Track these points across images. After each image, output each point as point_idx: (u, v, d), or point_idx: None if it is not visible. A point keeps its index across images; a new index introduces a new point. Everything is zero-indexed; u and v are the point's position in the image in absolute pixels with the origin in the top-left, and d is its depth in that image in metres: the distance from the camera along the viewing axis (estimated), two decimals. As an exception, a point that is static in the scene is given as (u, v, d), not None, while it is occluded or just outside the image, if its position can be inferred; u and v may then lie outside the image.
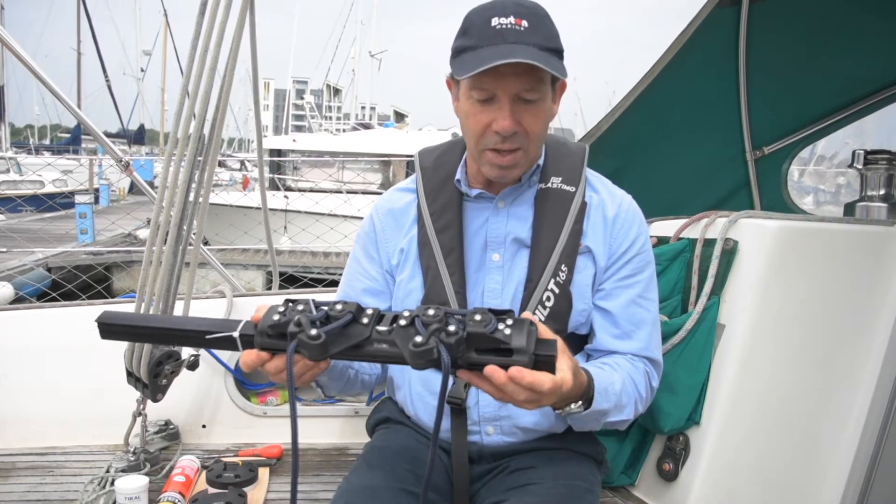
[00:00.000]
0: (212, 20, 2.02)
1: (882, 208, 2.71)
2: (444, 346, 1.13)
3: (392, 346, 1.19)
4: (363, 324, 1.21)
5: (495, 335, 1.16)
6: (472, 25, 1.57)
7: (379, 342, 1.20)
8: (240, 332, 1.29)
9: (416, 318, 1.18)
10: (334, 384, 1.70)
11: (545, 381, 1.24)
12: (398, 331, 1.19)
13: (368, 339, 1.20)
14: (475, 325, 1.16)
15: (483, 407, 1.73)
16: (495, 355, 1.18)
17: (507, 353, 1.17)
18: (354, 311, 1.22)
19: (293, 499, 1.25)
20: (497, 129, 1.58)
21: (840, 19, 2.88)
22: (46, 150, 38.67)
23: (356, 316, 1.22)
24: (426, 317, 1.17)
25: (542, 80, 1.57)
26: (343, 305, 1.22)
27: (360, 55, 42.47)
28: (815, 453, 2.27)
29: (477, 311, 1.18)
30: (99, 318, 1.37)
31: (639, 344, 1.73)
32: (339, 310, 1.22)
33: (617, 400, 1.57)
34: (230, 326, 1.31)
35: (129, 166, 2.46)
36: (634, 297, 1.75)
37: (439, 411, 1.17)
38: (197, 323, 1.36)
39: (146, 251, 2.23)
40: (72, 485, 2.30)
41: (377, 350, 1.20)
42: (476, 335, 1.16)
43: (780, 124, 3.42)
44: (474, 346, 1.17)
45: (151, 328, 1.39)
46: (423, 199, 1.82)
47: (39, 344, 2.67)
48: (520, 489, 1.64)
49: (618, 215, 1.77)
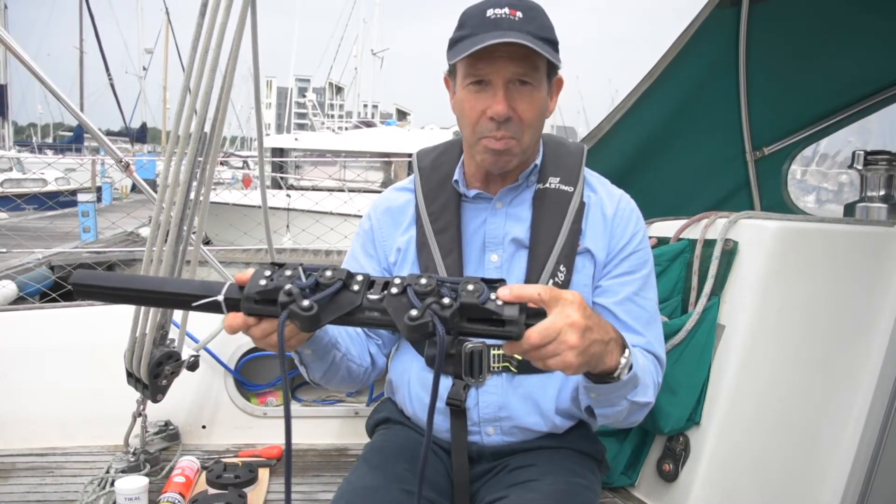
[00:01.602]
0: (213, 18, 2.02)
1: (882, 209, 2.72)
2: (440, 318, 1.11)
3: (384, 313, 1.16)
4: (354, 291, 1.18)
5: (487, 306, 1.14)
6: (468, 17, 1.61)
7: (370, 310, 1.17)
8: (224, 295, 1.25)
9: (409, 286, 1.16)
10: (318, 364, 1.63)
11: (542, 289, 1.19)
12: (389, 299, 1.16)
13: (360, 307, 1.17)
14: (468, 296, 1.14)
15: (483, 408, 1.73)
16: (487, 325, 1.16)
17: (499, 323, 1.15)
18: (344, 277, 1.19)
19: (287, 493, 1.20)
20: (491, 115, 1.59)
21: (840, 19, 2.88)
22: (49, 149, 38.74)
23: (346, 283, 1.19)
24: (418, 286, 1.15)
25: (537, 68, 1.58)
26: (332, 272, 1.19)
27: (363, 53, 42.46)
28: (816, 453, 2.27)
29: (469, 281, 1.16)
30: (73, 278, 1.31)
31: (642, 339, 1.70)
32: (328, 276, 1.18)
33: (643, 372, 1.51)
34: (214, 289, 1.26)
35: (129, 167, 2.45)
36: (632, 293, 1.73)
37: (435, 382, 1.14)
38: (178, 285, 1.31)
39: (146, 251, 2.23)
40: (72, 485, 2.30)
41: (368, 318, 1.18)
42: (468, 305, 1.13)
43: (780, 125, 3.41)
44: (466, 316, 1.15)
45: (129, 289, 1.32)
46: (421, 199, 1.82)
47: (39, 344, 2.68)
48: (520, 486, 1.64)
49: (616, 213, 1.77)
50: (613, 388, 1.39)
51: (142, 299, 1.44)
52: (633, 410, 1.54)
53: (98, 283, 1.30)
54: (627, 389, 1.42)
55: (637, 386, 1.45)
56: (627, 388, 1.41)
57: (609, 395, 1.43)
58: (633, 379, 1.40)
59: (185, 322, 2.40)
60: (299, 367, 1.65)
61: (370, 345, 1.83)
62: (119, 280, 1.32)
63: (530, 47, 1.51)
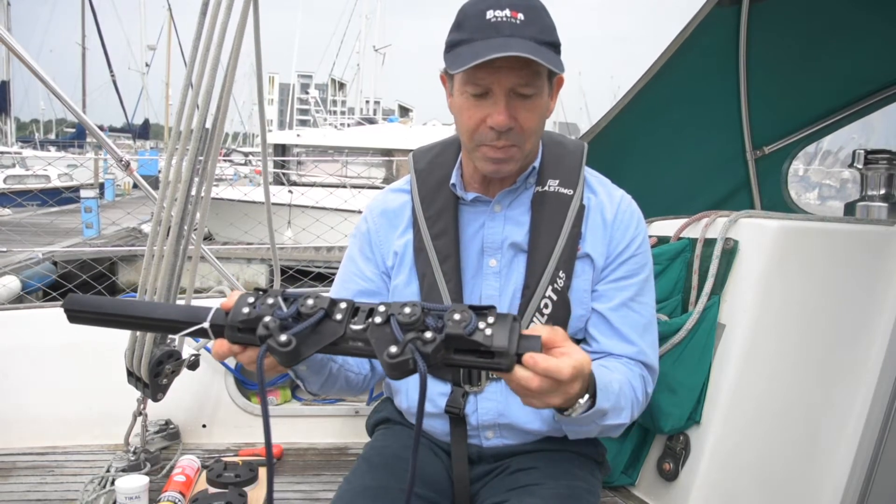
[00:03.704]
0: (214, 15, 2.02)
1: (882, 208, 2.71)
2: (421, 354, 1.07)
3: (367, 344, 1.13)
4: (336, 320, 1.15)
5: (474, 337, 1.10)
6: (467, 18, 1.54)
7: (354, 340, 1.14)
8: (210, 322, 1.23)
9: (392, 316, 1.12)
10: (314, 378, 1.59)
11: (563, 367, 1.17)
12: (373, 329, 1.12)
13: (343, 336, 1.14)
14: (454, 326, 1.09)
15: (482, 414, 1.71)
16: (477, 356, 1.12)
17: (488, 355, 1.11)
18: (327, 307, 1.15)
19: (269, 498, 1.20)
20: (492, 125, 1.54)
21: (840, 19, 2.87)
22: (52, 145, 38.77)
23: (329, 312, 1.15)
24: (402, 316, 1.11)
25: (539, 75, 1.53)
26: (314, 300, 1.16)
27: (365, 49, 42.43)
28: (816, 453, 2.27)
29: (456, 310, 1.11)
30: (65, 302, 1.32)
31: (633, 348, 1.68)
32: (310, 305, 1.15)
33: (616, 400, 1.48)
34: (201, 315, 1.24)
35: (129, 166, 2.45)
36: (627, 299, 1.70)
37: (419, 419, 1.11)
38: (167, 311, 1.30)
39: (147, 248, 2.23)
40: (72, 484, 2.31)
41: (352, 348, 1.14)
42: (454, 337, 1.09)
43: (780, 124, 3.41)
44: (453, 347, 1.11)
45: (119, 315, 1.30)
46: (417, 203, 1.78)
47: (40, 343, 2.68)
48: (521, 490, 1.63)
49: (616, 217, 1.73)
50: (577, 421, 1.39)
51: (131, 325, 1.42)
52: (607, 430, 1.52)
53: (89, 309, 1.31)
54: (592, 418, 1.41)
55: (606, 414, 1.44)
56: (593, 417, 1.41)
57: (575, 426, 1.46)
58: (596, 413, 1.39)
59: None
60: (296, 380, 1.61)
61: None
62: (110, 306, 1.32)
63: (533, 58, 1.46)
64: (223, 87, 2.11)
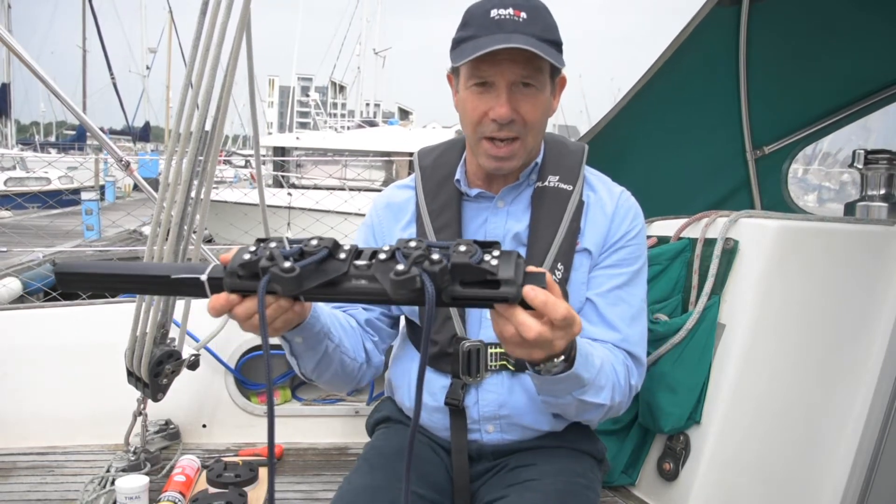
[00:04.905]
0: (213, 17, 2.02)
1: (882, 208, 2.71)
2: (428, 274, 1.04)
3: (372, 281, 1.09)
4: (340, 259, 1.12)
5: (481, 265, 1.07)
6: (472, 17, 1.60)
7: (357, 278, 1.10)
8: (208, 275, 1.18)
9: (397, 250, 1.09)
10: (310, 355, 1.57)
11: (560, 306, 1.14)
12: (378, 265, 1.09)
13: (346, 274, 1.11)
14: (460, 256, 1.07)
15: (483, 406, 1.72)
16: (482, 287, 1.09)
17: (495, 284, 1.08)
18: (331, 246, 1.13)
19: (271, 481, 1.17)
20: (494, 117, 1.58)
21: (840, 19, 2.87)
22: (52, 147, 38.75)
23: (332, 251, 1.13)
24: (407, 248, 1.08)
25: (541, 70, 1.58)
26: (318, 241, 1.13)
27: (365, 52, 42.48)
28: (816, 453, 2.27)
29: (461, 242, 1.09)
30: (56, 267, 1.27)
31: (618, 335, 1.68)
32: (314, 245, 1.12)
33: (596, 375, 1.46)
34: (198, 269, 1.20)
35: (129, 166, 2.46)
36: (615, 286, 1.71)
37: (424, 346, 1.07)
38: (161, 268, 1.25)
39: (147, 249, 2.23)
40: (72, 484, 2.31)
41: (356, 287, 1.11)
42: (461, 266, 1.07)
43: (780, 124, 3.41)
44: (459, 278, 1.08)
45: (111, 275, 1.26)
46: (421, 197, 1.82)
47: (39, 344, 2.68)
48: (520, 485, 1.64)
49: (615, 210, 1.76)
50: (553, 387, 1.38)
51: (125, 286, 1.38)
52: (586, 409, 1.51)
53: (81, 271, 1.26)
54: (568, 385, 1.39)
55: (585, 386, 1.42)
56: (567, 384, 1.38)
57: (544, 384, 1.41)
58: (573, 380, 1.37)
59: (186, 321, 2.41)
60: (290, 358, 1.59)
61: (366, 340, 1.78)
62: (102, 267, 1.28)
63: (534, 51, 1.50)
64: (223, 87, 2.12)
